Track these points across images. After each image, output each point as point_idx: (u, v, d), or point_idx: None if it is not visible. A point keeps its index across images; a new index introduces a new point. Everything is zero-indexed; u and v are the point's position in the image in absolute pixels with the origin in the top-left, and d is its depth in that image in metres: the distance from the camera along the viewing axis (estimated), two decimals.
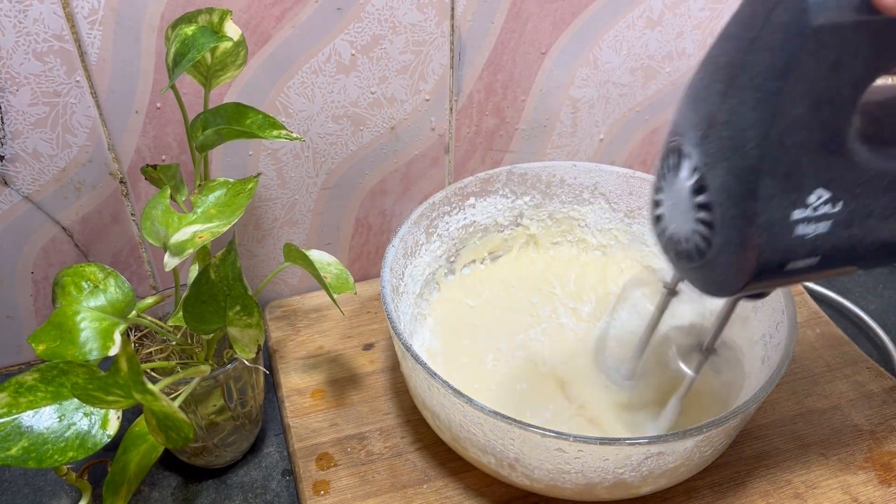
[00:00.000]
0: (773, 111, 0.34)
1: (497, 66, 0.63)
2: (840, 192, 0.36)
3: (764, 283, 0.39)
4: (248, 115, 0.49)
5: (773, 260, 0.37)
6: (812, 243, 0.37)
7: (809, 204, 0.36)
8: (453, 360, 0.60)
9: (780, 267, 0.37)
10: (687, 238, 0.39)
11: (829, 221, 0.37)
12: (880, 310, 0.71)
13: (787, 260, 0.37)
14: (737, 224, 0.36)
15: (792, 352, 0.49)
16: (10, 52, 0.50)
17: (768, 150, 0.34)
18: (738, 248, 0.37)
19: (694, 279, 0.41)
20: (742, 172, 0.35)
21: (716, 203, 0.36)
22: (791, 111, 0.34)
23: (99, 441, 0.41)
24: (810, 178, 0.35)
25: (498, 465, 0.49)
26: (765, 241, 0.36)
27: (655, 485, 0.49)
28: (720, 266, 0.38)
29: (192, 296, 0.43)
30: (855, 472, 0.55)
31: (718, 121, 0.35)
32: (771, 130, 0.34)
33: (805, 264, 0.37)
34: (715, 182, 0.36)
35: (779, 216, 0.36)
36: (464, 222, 0.64)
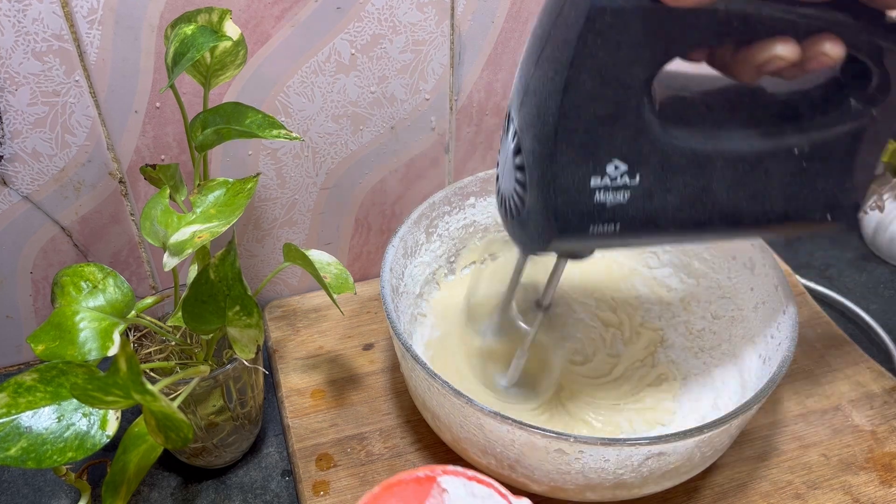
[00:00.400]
0: (566, 83, 0.36)
1: (497, 66, 0.63)
2: (638, 166, 0.39)
3: (570, 243, 0.41)
4: (248, 114, 0.49)
5: (573, 222, 0.39)
6: (612, 211, 0.39)
7: (608, 173, 0.38)
8: (453, 361, 0.60)
9: (582, 229, 0.40)
10: (509, 196, 0.42)
11: (628, 192, 0.39)
12: (881, 310, 0.71)
13: (588, 223, 0.39)
14: (540, 186, 0.39)
15: (792, 352, 0.49)
16: (10, 52, 0.50)
17: (564, 119, 0.37)
18: (542, 208, 0.39)
19: (513, 235, 0.44)
20: (543, 138, 0.38)
21: (526, 164, 0.39)
22: (584, 84, 0.36)
23: (98, 441, 0.41)
24: (606, 148, 0.38)
25: (498, 465, 0.49)
26: (564, 203, 0.39)
27: (656, 485, 0.49)
28: (530, 223, 0.41)
29: (192, 296, 0.43)
30: (856, 473, 0.55)
31: (530, 89, 0.38)
32: (565, 100, 0.36)
33: (607, 229, 0.40)
34: (525, 145, 0.39)
35: (577, 181, 0.38)
36: (464, 222, 0.64)
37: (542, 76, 0.37)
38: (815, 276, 0.74)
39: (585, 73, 0.36)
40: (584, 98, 0.36)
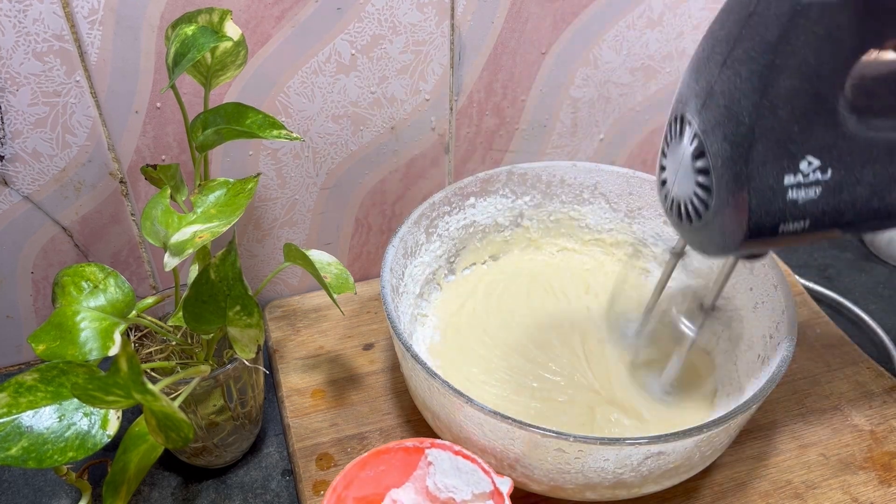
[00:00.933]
0: (766, 82, 0.36)
1: (497, 66, 0.63)
2: (830, 160, 0.38)
3: (757, 244, 0.41)
4: (248, 114, 0.49)
5: (766, 222, 0.39)
6: (803, 208, 0.39)
7: (801, 170, 0.38)
8: (453, 361, 0.60)
9: (773, 229, 0.39)
10: (687, 200, 0.41)
11: (819, 187, 0.39)
12: (880, 310, 0.71)
13: (779, 223, 0.39)
14: (731, 188, 0.38)
15: (792, 352, 0.49)
16: (10, 52, 0.50)
17: (760, 118, 0.36)
18: (732, 210, 0.39)
19: (692, 240, 0.43)
20: (736, 139, 0.37)
21: (713, 167, 0.39)
22: (782, 82, 0.36)
23: (99, 441, 0.41)
24: (801, 145, 0.37)
25: (499, 465, 0.49)
26: (757, 204, 0.38)
27: (656, 485, 0.49)
28: (716, 227, 0.40)
29: (192, 296, 0.43)
30: (855, 472, 0.55)
31: (716, 90, 0.37)
32: (763, 100, 0.36)
33: (797, 227, 0.39)
34: (712, 148, 0.38)
35: (771, 181, 0.38)
36: (464, 222, 0.64)
37: (732, 77, 0.37)
38: (815, 276, 0.74)
39: (786, 71, 0.36)
40: (782, 96, 0.36)
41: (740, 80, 0.36)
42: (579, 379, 0.58)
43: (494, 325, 0.62)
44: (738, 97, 0.37)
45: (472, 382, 0.58)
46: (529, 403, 0.56)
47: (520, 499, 0.53)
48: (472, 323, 0.63)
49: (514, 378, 0.58)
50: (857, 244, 0.78)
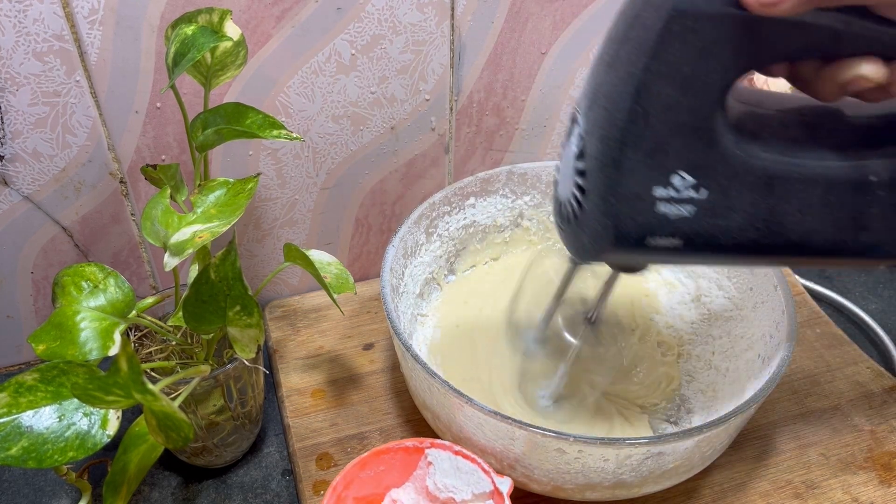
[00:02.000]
0: (640, 87, 0.35)
1: (497, 66, 0.63)
2: (706, 180, 0.37)
3: (626, 254, 0.40)
4: (248, 114, 0.49)
5: (632, 232, 0.38)
6: (674, 224, 0.38)
7: (673, 184, 0.37)
8: (453, 360, 0.60)
9: (640, 240, 0.39)
10: (566, 201, 0.41)
11: (693, 206, 0.38)
12: (880, 310, 0.71)
13: (647, 234, 0.38)
14: (601, 192, 0.38)
15: (792, 352, 0.49)
16: (10, 52, 0.50)
17: (633, 123, 0.36)
18: (601, 214, 0.38)
19: (567, 242, 0.43)
20: (610, 142, 0.37)
21: (588, 169, 0.38)
22: (657, 89, 0.35)
23: (99, 441, 0.41)
24: (674, 158, 0.37)
25: (499, 464, 0.49)
26: (624, 211, 0.38)
27: (656, 485, 0.49)
28: (587, 230, 0.40)
29: (192, 296, 0.43)
30: (855, 472, 0.55)
31: (601, 92, 0.37)
32: (636, 105, 0.35)
33: (667, 243, 0.39)
34: (590, 149, 0.38)
35: (640, 190, 0.37)
36: (464, 222, 0.64)
37: (614, 79, 0.36)
38: (815, 276, 0.74)
39: (660, 77, 0.35)
40: (656, 103, 0.35)
41: (619, 83, 0.36)
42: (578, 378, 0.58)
43: (495, 325, 0.62)
44: (616, 99, 0.36)
45: (472, 382, 0.58)
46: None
47: (520, 499, 0.53)
48: (473, 323, 0.63)
49: (515, 378, 0.58)
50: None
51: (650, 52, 0.34)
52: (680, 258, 0.40)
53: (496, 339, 0.61)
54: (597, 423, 0.55)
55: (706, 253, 0.40)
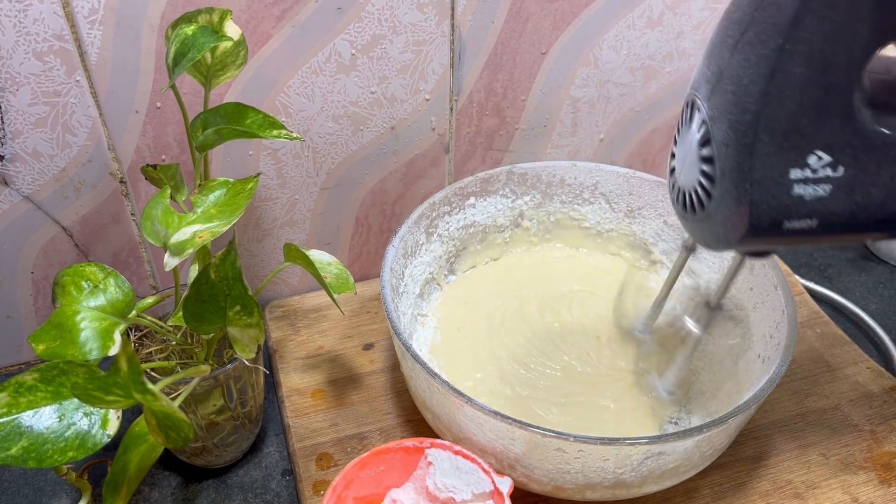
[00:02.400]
0: (774, 67, 0.34)
1: (497, 66, 0.63)
2: (843, 157, 0.36)
3: (761, 240, 0.39)
4: (248, 114, 0.49)
5: (769, 217, 0.37)
6: (811, 205, 0.37)
7: (809, 165, 0.36)
8: (454, 360, 0.60)
9: (777, 225, 0.37)
10: (692, 190, 0.40)
11: (829, 185, 0.37)
12: (881, 310, 0.71)
13: (784, 218, 0.37)
14: (733, 178, 0.37)
15: (792, 352, 0.49)
16: (11, 52, 0.50)
17: (767, 106, 0.35)
18: (734, 202, 0.37)
19: (695, 232, 0.41)
20: (741, 127, 0.36)
21: (717, 156, 0.37)
22: (792, 69, 0.34)
23: (99, 441, 0.41)
24: (810, 139, 0.36)
25: (499, 465, 0.49)
26: (759, 197, 0.36)
27: (656, 485, 0.49)
28: (718, 220, 0.38)
29: (192, 295, 0.43)
30: (855, 472, 0.55)
31: (725, 75, 0.36)
32: (770, 87, 0.35)
33: (803, 225, 0.38)
34: (718, 135, 0.37)
35: (775, 174, 0.36)
36: (464, 222, 0.64)
37: (741, 61, 0.35)
38: (815, 276, 0.74)
39: (796, 57, 0.34)
40: (791, 84, 0.34)
41: (749, 65, 0.35)
42: (580, 379, 0.58)
43: (495, 325, 0.62)
44: (746, 83, 0.35)
45: (472, 382, 0.58)
46: (530, 404, 0.56)
47: (520, 498, 0.53)
48: (473, 323, 0.63)
49: (515, 378, 0.58)
50: (857, 244, 0.78)
51: (784, 31, 0.33)
52: (814, 239, 0.39)
53: (496, 339, 0.61)
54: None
55: (841, 231, 0.38)
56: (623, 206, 0.66)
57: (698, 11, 0.65)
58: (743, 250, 0.43)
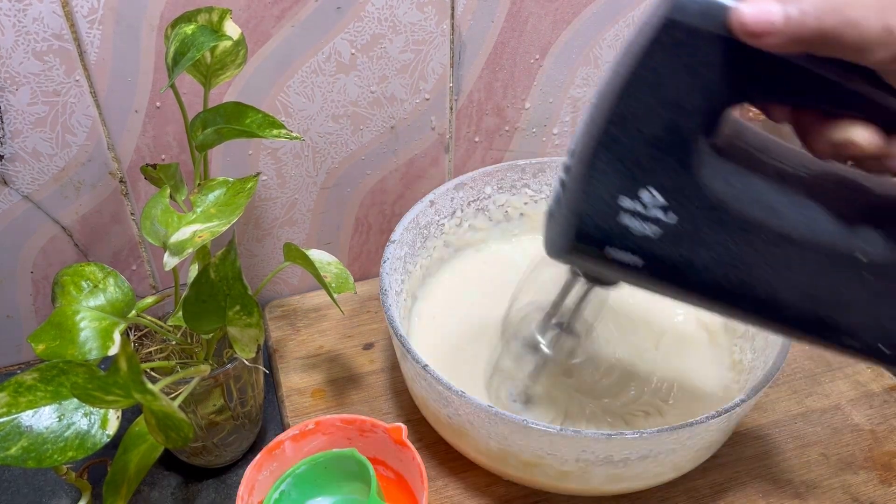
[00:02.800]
0: (624, 89, 0.35)
1: (497, 66, 0.63)
2: (677, 205, 0.36)
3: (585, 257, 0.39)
4: (248, 114, 0.49)
5: (592, 234, 0.37)
6: (637, 241, 0.37)
7: (640, 198, 0.36)
8: (453, 360, 0.60)
9: (599, 245, 0.38)
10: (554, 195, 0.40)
11: (658, 228, 0.37)
12: None
13: (605, 243, 0.38)
14: (573, 186, 0.37)
15: (784, 357, 0.49)
16: (10, 52, 0.50)
17: (611, 124, 0.35)
18: (569, 209, 0.38)
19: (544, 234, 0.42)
20: (589, 140, 0.36)
21: (570, 165, 0.38)
22: (639, 96, 0.34)
23: (98, 441, 0.41)
24: (646, 173, 0.36)
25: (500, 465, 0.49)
26: (588, 210, 0.37)
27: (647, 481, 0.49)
28: (556, 224, 0.39)
29: (192, 295, 0.43)
30: (855, 472, 0.55)
31: (599, 91, 0.36)
32: (618, 106, 0.35)
33: (627, 259, 0.38)
34: (576, 146, 0.37)
35: (606, 194, 0.36)
36: (464, 220, 0.64)
37: (608, 77, 0.36)
38: None
39: (644, 84, 0.34)
40: (636, 110, 0.35)
41: (609, 82, 0.35)
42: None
43: (495, 324, 0.62)
44: (604, 99, 0.36)
45: (472, 381, 0.58)
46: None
47: (520, 498, 0.53)
48: (473, 322, 0.63)
49: None
50: None
51: (639, 57, 0.34)
52: (642, 280, 0.39)
53: (495, 338, 0.61)
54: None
55: (667, 282, 0.38)
56: None
57: None
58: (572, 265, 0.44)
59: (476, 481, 0.54)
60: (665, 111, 0.34)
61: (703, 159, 0.35)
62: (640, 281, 0.39)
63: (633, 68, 0.34)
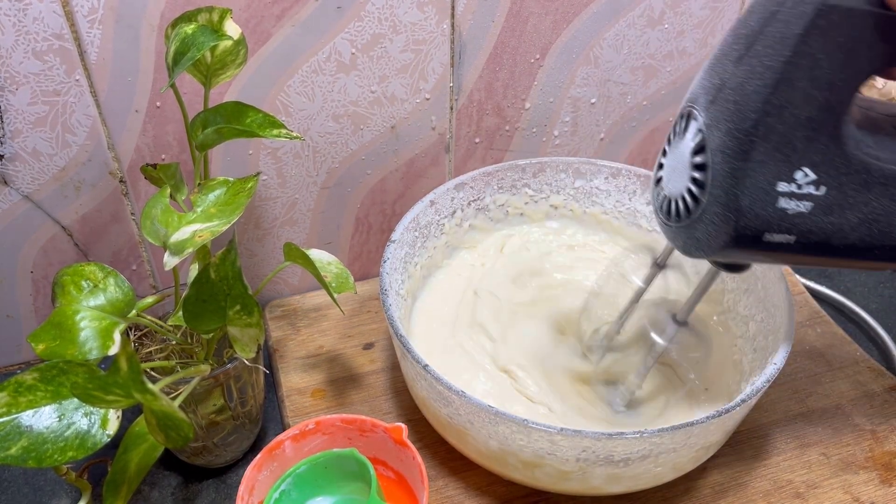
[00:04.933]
0: (778, 80, 0.36)
1: (498, 66, 0.63)
2: (826, 177, 0.38)
3: (741, 250, 0.40)
4: (248, 113, 0.49)
5: (752, 226, 0.39)
6: (791, 220, 0.39)
7: (795, 179, 0.38)
8: (453, 360, 0.59)
9: (758, 235, 0.39)
10: (679, 197, 0.41)
11: (811, 202, 0.38)
12: (881, 309, 0.71)
13: (765, 230, 0.39)
14: (725, 183, 0.38)
15: (784, 359, 0.48)
16: (10, 51, 0.50)
17: (767, 116, 0.36)
18: (722, 207, 0.39)
19: (676, 238, 0.43)
20: (739, 133, 0.37)
21: (711, 163, 0.38)
22: (794, 83, 0.36)
23: (99, 441, 0.41)
24: (801, 154, 0.37)
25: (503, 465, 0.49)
26: (748, 204, 0.38)
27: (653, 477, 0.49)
28: (703, 225, 0.40)
29: (192, 295, 0.43)
30: (856, 472, 0.55)
31: (728, 85, 0.37)
32: (773, 97, 0.36)
33: (782, 239, 0.39)
34: (713, 143, 0.38)
35: (765, 183, 0.38)
36: (464, 220, 0.64)
37: (747, 72, 0.37)
38: (815, 276, 0.74)
39: (800, 71, 0.36)
40: (792, 97, 0.36)
41: (754, 76, 0.36)
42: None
43: (495, 324, 0.62)
44: (749, 92, 0.36)
45: (472, 381, 0.58)
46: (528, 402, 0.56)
47: (521, 498, 0.53)
48: (473, 321, 0.63)
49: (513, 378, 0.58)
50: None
51: (792, 45, 0.35)
52: (790, 256, 0.40)
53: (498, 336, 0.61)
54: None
55: (815, 252, 0.40)
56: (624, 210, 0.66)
57: (699, 10, 0.65)
58: (721, 260, 0.44)
59: (477, 481, 0.54)
60: (820, 92, 0.36)
61: (846, 129, 0.37)
62: (789, 256, 0.41)
63: (787, 57, 0.35)
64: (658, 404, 0.55)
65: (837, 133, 0.37)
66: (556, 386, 0.56)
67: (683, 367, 0.56)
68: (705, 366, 0.55)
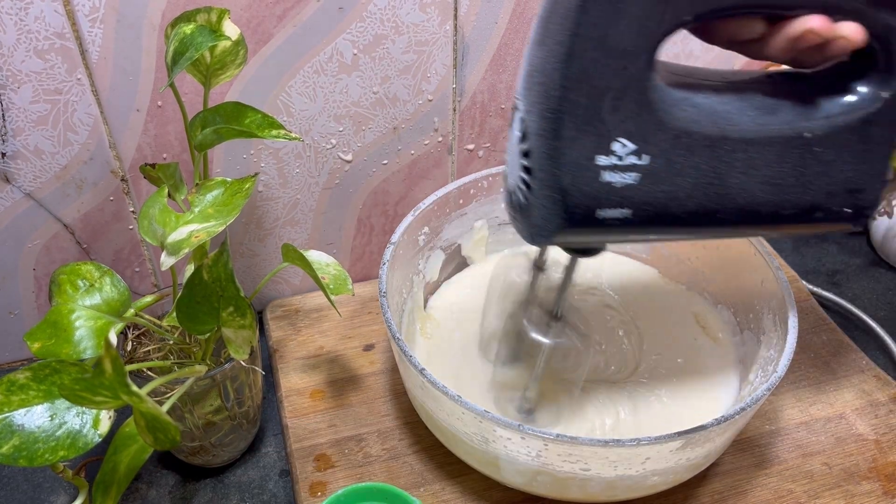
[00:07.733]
0: (569, 53, 0.36)
1: (501, 67, 0.62)
2: (645, 145, 0.38)
3: (578, 230, 0.40)
4: (248, 114, 0.48)
5: (583, 203, 0.38)
6: (621, 193, 0.38)
7: (614, 151, 0.38)
8: (452, 363, 0.59)
9: (590, 212, 0.39)
10: (516, 187, 0.41)
11: (636, 173, 0.38)
12: (888, 317, 0.70)
13: (596, 206, 0.39)
14: (545, 165, 0.38)
15: (786, 367, 0.48)
16: (12, 50, 0.50)
17: (568, 91, 0.36)
18: (549, 188, 0.38)
19: (522, 229, 0.42)
20: (549, 114, 0.37)
21: (531, 147, 0.38)
22: (586, 54, 0.36)
23: (90, 440, 0.41)
24: (612, 125, 0.37)
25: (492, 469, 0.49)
26: (571, 182, 0.38)
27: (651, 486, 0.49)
28: (537, 210, 0.39)
29: (186, 296, 0.43)
30: (859, 483, 0.54)
31: (535, 69, 0.37)
32: (568, 71, 0.36)
33: (617, 214, 0.39)
34: (532, 127, 0.38)
35: (583, 158, 0.38)
36: (465, 221, 0.64)
37: (546, 53, 0.36)
38: (823, 282, 0.73)
39: (588, 41, 0.35)
40: (586, 68, 0.36)
41: (551, 55, 0.36)
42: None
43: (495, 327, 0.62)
44: (550, 71, 0.36)
45: (471, 385, 0.57)
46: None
47: (521, 501, 0.53)
48: (473, 325, 0.62)
49: None
50: (866, 250, 0.77)
51: (574, 18, 0.35)
52: (633, 232, 0.40)
53: None
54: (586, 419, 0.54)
55: (657, 223, 0.40)
56: None
57: None
58: (567, 244, 0.44)
59: (473, 485, 0.54)
60: (613, 60, 0.36)
61: (655, 96, 0.37)
62: (631, 232, 0.41)
63: (572, 30, 0.35)
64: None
65: (646, 100, 0.37)
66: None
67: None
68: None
